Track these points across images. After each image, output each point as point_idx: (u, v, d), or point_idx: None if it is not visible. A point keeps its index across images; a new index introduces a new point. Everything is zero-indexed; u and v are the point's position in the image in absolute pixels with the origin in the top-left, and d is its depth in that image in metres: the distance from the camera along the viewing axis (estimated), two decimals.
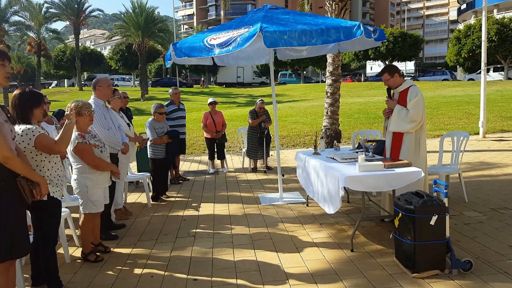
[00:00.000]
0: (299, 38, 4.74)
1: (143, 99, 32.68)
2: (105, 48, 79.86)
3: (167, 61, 5.86)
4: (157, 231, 4.92)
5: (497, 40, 29.81)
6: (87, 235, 4.09)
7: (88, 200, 4.00)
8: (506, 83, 26.47)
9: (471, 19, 39.46)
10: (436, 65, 63.19)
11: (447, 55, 36.32)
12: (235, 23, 5.72)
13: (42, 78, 52.96)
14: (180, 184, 7.49)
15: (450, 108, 16.27)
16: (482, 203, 5.40)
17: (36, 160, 3.16)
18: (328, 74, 9.10)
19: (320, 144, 5.65)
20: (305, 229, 4.74)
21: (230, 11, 66.57)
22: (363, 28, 4.78)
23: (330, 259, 3.86)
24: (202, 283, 3.51)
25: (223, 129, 8.38)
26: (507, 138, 10.68)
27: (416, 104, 4.45)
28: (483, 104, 10.96)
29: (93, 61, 52.43)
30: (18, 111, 3.15)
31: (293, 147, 11.02)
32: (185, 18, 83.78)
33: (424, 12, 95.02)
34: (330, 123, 9.05)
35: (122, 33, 38.38)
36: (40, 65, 42.98)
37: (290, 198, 6.09)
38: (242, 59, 7.16)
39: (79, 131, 3.87)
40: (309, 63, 44.31)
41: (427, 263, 3.38)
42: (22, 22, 37.17)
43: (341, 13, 8.75)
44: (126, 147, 5.08)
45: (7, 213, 2.68)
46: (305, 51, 6.79)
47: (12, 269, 2.87)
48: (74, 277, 3.71)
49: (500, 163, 7.73)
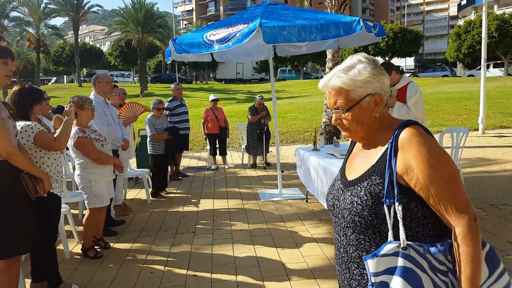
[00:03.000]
0: (298, 33, 4.73)
1: (142, 95, 32.62)
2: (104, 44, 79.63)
3: (167, 57, 5.85)
4: (157, 227, 4.93)
5: (497, 36, 29.72)
6: (90, 230, 4.09)
7: (93, 194, 3.99)
8: (506, 79, 26.45)
9: (471, 15, 39.36)
10: (436, 61, 63.06)
11: (447, 51, 36.23)
12: (235, 18, 5.71)
13: (42, 74, 52.83)
14: (179, 180, 7.49)
15: (450, 104, 16.26)
16: (482, 199, 5.41)
17: (35, 157, 3.16)
18: (328, 70, 9.10)
19: (320, 140, 5.65)
20: (305, 225, 4.75)
21: (229, 6, 66.35)
22: (363, 24, 4.77)
23: (330, 255, 3.87)
24: (202, 279, 3.52)
25: (226, 124, 8.37)
26: (506, 134, 10.68)
27: (417, 101, 4.46)
28: (483, 100, 10.95)
29: (92, 57, 52.28)
30: (17, 107, 3.14)
31: (292, 143, 11.02)
32: (184, 14, 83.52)
33: (424, 8, 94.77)
34: (329, 119, 9.05)
35: (122, 29, 38.27)
36: (39, 61, 42.86)
37: (289, 194, 6.09)
38: (241, 55, 7.14)
39: (79, 126, 3.86)
40: (308, 59, 44.18)
41: None
42: (21, 18, 37.09)
43: (341, 8, 8.74)
44: (126, 143, 5.08)
45: (11, 209, 2.68)
46: (304, 47, 6.77)
47: (15, 265, 2.87)
48: (74, 273, 3.72)
49: (500, 159, 7.73)
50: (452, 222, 1.28)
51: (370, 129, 1.44)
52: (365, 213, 1.35)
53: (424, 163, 1.28)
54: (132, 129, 6.14)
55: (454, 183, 1.29)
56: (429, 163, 1.28)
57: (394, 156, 1.34)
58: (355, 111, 1.41)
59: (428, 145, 1.31)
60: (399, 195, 1.30)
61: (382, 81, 1.41)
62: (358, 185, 1.40)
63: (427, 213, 1.32)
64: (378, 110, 1.42)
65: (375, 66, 1.41)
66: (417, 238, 1.32)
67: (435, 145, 1.32)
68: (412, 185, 1.31)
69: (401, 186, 1.32)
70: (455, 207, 1.27)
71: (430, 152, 1.29)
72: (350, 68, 1.40)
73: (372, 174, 1.38)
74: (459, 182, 1.31)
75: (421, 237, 1.33)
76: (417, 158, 1.29)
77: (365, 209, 1.35)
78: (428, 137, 1.33)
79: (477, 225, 1.28)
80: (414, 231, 1.32)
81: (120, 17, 38.67)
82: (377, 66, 1.41)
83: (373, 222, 1.34)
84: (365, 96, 1.40)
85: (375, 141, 1.45)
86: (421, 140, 1.31)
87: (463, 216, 1.27)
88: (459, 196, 1.28)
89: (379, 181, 1.35)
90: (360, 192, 1.38)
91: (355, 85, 1.39)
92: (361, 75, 1.38)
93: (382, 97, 1.41)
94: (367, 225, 1.36)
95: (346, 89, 1.40)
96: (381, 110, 1.43)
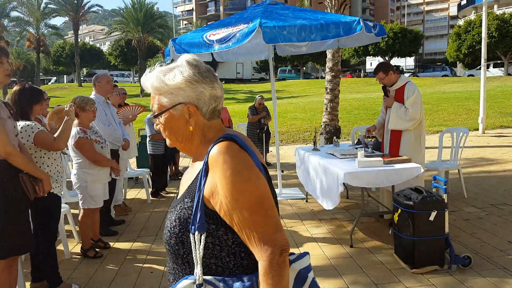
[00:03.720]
0: (298, 33, 4.73)
1: (142, 95, 32.63)
2: (104, 44, 79.62)
3: (166, 57, 5.85)
4: (157, 227, 4.93)
5: (497, 36, 29.72)
6: (87, 230, 4.10)
7: (87, 195, 4.00)
8: (506, 79, 26.44)
9: (471, 14, 39.34)
10: (436, 61, 63.03)
11: (447, 51, 36.23)
12: (235, 18, 5.71)
13: (41, 74, 52.79)
14: (179, 180, 7.49)
15: (450, 104, 16.26)
16: (482, 199, 5.41)
17: (35, 157, 3.16)
18: (328, 70, 9.09)
19: (320, 140, 5.65)
20: (305, 225, 4.75)
21: (229, 6, 66.34)
22: (363, 23, 4.77)
23: (330, 254, 3.87)
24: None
25: (230, 124, 8.37)
26: (506, 134, 10.68)
27: (415, 101, 4.44)
28: (483, 100, 10.95)
29: (92, 57, 52.28)
30: (17, 107, 3.14)
31: (292, 143, 11.02)
32: (184, 14, 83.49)
33: (424, 7, 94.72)
34: (329, 119, 9.05)
35: (122, 29, 38.28)
36: (39, 61, 42.85)
37: (289, 194, 6.09)
38: (241, 55, 7.14)
39: (81, 126, 3.87)
40: (308, 59, 44.17)
41: (426, 259, 3.39)
42: (21, 17, 37.10)
43: (341, 8, 8.73)
44: (127, 143, 5.08)
45: (10, 209, 2.68)
46: (304, 47, 6.77)
47: (15, 265, 2.88)
48: (74, 273, 3.72)
49: (500, 159, 7.73)
50: (255, 254, 1.12)
51: (189, 142, 1.27)
52: (172, 241, 1.20)
53: (227, 185, 1.11)
54: (132, 129, 6.14)
55: (259, 210, 1.11)
56: (232, 186, 1.11)
57: (204, 176, 1.17)
58: (167, 119, 1.24)
59: (234, 165, 1.12)
60: (202, 221, 1.13)
61: (199, 90, 1.22)
62: (175, 207, 1.24)
63: (239, 241, 1.16)
64: (193, 122, 1.23)
65: (196, 73, 1.22)
66: (228, 269, 1.17)
67: (244, 165, 1.14)
68: (217, 210, 1.15)
69: (209, 211, 1.16)
70: (258, 237, 1.10)
71: (234, 173, 1.12)
72: (170, 70, 1.24)
73: (186, 196, 1.22)
74: (265, 209, 1.13)
75: (233, 267, 1.17)
76: (221, 179, 1.12)
77: (172, 236, 1.20)
78: (237, 156, 1.15)
79: (283, 259, 1.10)
80: (225, 261, 1.17)
81: (120, 17, 38.70)
82: (200, 72, 1.23)
83: (180, 251, 1.19)
84: (176, 104, 1.22)
85: (200, 155, 1.26)
86: (227, 159, 1.13)
87: (266, 248, 1.09)
88: (264, 226, 1.11)
89: (190, 205, 1.19)
90: (172, 216, 1.23)
91: (164, 90, 1.22)
92: (173, 80, 1.21)
93: (196, 108, 1.23)
94: (175, 254, 1.21)
95: (158, 92, 1.24)
96: (201, 122, 1.25)
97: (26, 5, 34.68)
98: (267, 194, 1.16)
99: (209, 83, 1.24)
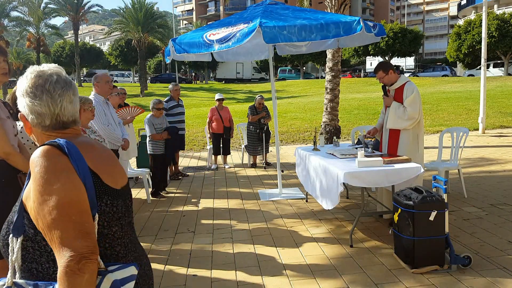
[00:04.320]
0: (298, 33, 4.73)
1: (142, 95, 32.63)
2: (104, 44, 79.65)
3: (166, 56, 5.85)
4: (157, 227, 4.93)
5: (497, 36, 29.73)
6: None
7: None
8: (506, 79, 26.44)
9: (471, 14, 39.34)
10: (436, 60, 63.07)
11: (447, 50, 36.23)
12: (235, 18, 5.70)
13: None
14: (179, 180, 7.49)
15: (450, 104, 16.26)
16: (482, 198, 5.41)
17: None
18: (328, 70, 9.09)
19: (320, 140, 5.65)
20: (305, 225, 4.75)
21: (229, 6, 66.40)
22: (363, 24, 4.77)
23: (329, 254, 3.87)
24: (202, 279, 3.52)
25: (231, 124, 8.36)
26: (506, 134, 10.68)
27: (413, 101, 4.44)
28: (483, 100, 10.95)
29: (92, 57, 52.34)
30: (17, 107, 3.13)
31: (292, 143, 11.02)
32: (184, 14, 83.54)
33: (424, 7, 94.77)
34: (329, 119, 9.05)
35: (121, 29, 38.26)
36: (40, 61, 42.86)
37: (289, 194, 6.09)
38: (241, 55, 7.14)
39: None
40: (308, 59, 44.20)
41: (426, 259, 3.39)
42: (21, 17, 37.09)
43: (341, 8, 8.74)
44: (126, 143, 5.07)
45: (8, 209, 2.67)
46: (304, 46, 6.77)
47: None
48: None
49: (500, 159, 7.74)
50: (57, 260, 1.09)
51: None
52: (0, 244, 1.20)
53: (34, 189, 1.11)
54: (132, 129, 6.14)
55: (62, 215, 1.09)
56: (38, 190, 1.11)
57: (28, 179, 1.18)
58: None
59: (44, 168, 1.12)
60: (18, 224, 1.13)
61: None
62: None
63: None
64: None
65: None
66: (48, 275, 1.14)
67: (55, 169, 1.14)
68: (30, 214, 1.14)
69: (27, 215, 1.15)
70: (58, 242, 1.07)
71: (42, 176, 1.12)
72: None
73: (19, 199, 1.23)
74: (68, 215, 1.10)
75: (52, 274, 1.15)
76: (32, 183, 1.13)
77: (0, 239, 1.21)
78: (50, 160, 1.15)
79: (81, 267, 1.05)
80: (45, 266, 1.14)
81: (120, 17, 38.67)
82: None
83: (6, 254, 1.19)
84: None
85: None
86: (39, 162, 1.14)
87: (64, 254, 1.06)
88: (65, 231, 1.08)
89: (16, 208, 1.20)
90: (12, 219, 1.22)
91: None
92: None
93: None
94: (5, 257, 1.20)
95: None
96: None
97: (27, 5, 34.66)
98: (76, 199, 1.13)
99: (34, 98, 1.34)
